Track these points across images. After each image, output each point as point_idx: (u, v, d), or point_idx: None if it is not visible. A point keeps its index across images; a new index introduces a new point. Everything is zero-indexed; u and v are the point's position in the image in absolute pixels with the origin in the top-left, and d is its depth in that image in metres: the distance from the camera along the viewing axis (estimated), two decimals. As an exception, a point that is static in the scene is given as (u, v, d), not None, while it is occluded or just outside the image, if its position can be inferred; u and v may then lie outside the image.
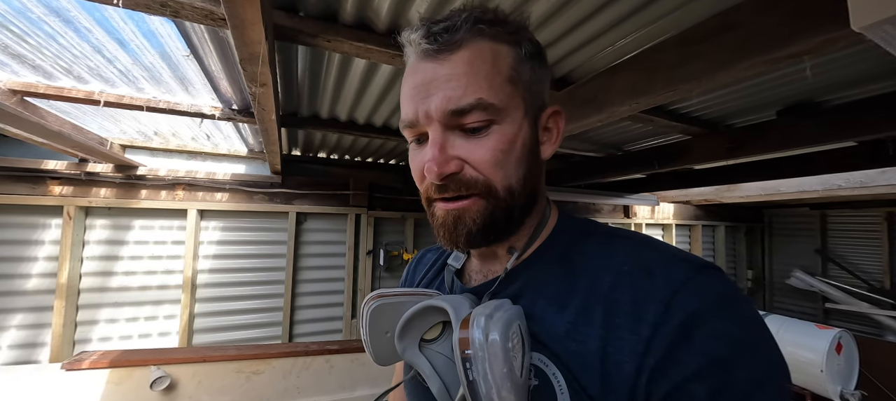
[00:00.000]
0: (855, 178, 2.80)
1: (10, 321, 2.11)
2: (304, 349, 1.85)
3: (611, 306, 0.38)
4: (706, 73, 0.92)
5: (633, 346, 0.35)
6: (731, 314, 0.34)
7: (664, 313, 0.35)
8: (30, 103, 1.66)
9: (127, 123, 2.19)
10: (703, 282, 0.36)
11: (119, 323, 2.37)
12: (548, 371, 0.39)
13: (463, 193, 0.42)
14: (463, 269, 0.55)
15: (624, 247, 0.42)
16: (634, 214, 4.30)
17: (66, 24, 1.19)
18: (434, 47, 0.41)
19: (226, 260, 2.68)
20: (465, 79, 0.40)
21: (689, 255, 0.40)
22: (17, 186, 2.12)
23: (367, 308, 0.45)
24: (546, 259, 0.46)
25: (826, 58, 1.24)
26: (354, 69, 1.48)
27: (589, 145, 2.48)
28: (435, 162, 0.41)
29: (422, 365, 0.43)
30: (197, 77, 1.56)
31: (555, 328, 0.40)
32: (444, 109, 0.40)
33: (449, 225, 0.44)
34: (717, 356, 0.32)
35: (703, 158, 2.03)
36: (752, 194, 3.66)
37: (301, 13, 1.09)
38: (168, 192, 2.50)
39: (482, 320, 0.36)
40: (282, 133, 2.29)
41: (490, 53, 0.41)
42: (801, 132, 1.63)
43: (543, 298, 0.43)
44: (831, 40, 0.71)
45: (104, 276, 2.35)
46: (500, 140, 0.41)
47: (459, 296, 0.46)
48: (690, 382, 0.32)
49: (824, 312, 4.51)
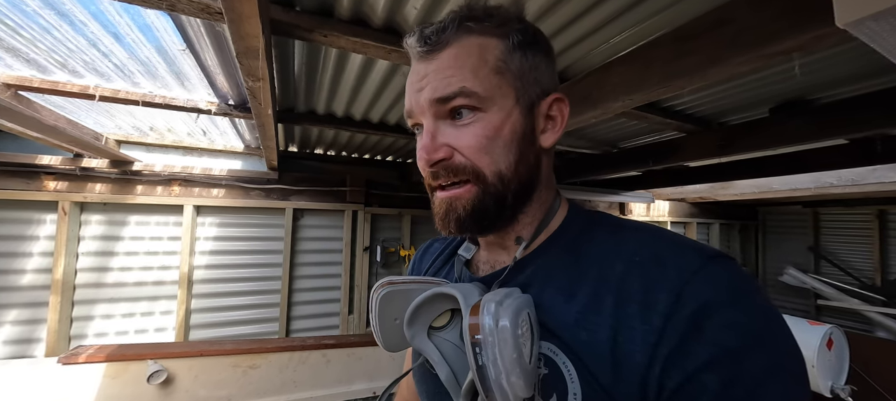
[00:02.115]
0: (846, 176, 2.83)
1: (6, 317, 2.10)
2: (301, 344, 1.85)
3: (622, 296, 0.38)
4: (698, 70, 0.94)
5: (645, 335, 0.35)
6: (743, 304, 0.34)
7: (676, 303, 0.35)
8: (24, 97, 1.65)
9: (122, 118, 2.18)
10: (716, 271, 0.36)
11: (115, 319, 2.37)
12: (557, 360, 0.39)
13: (454, 179, 0.45)
14: (472, 259, 0.56)
15: (634, 237, 0.42)
16: (630, 212, 4.33)
17: (61, 17, 1.18)
18: (425, 49, 0.45)
19: (222, 256, 2.68)
20: (450, 71, 0.43)
21: (700, 244, 0.40)
22: (11, 181, 2.11)
23: (377, 295, 0.46)
24: (555, 249, 0.47)
25: (817, 56, 1.26)
26: (351, 64, 1.48)
27: (584, 142, 2.49)
28: (425, 149, 0.44)
29: (430, 352, 0.44)
30: (193, 72, 1.56)
31: (564, 317, 0.41)
32: (431, 98, 0.44)
33: (441, 212, 0.46)
34: (729, 347, 0.32)
35: (695, 155, 2.05)
36: (746, 192, 3.69)
37: (297, 8, 1.09)
38: (164, 187, 2.49)
39: (492, 306, 0.36)
40: (278, 129, 2.28)
41: (476, 47, 0.44)
42: (791, 130, 1.65)
43: (552, 287, 0.43)
44: (821, 36, 0.73)
45: (100, 271, 2.35)
46: (486, 127, 0.43)
47: (469, 284, 0.47)
48: (703, 372, 0.32)
49: (816, 308, 4.57)
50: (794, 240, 4.94)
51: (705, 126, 1.95)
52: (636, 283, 0.38)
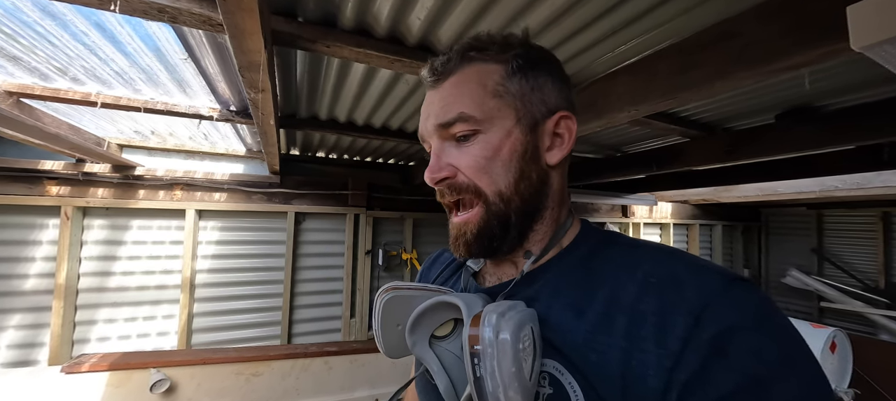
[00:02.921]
0: (851, 179, 2.81)
1: (9, 322, 2.10)
2: (304, 351, 1.85)
3: (635, 317, 0.36)
4: (705, 83, 0.92)
5: (660, 359, 0.34)
6: (768, 329, 0.33)
7: (695, 327, 0.33)
8: (26, 105, 1.64)
9: (124, 123, 2.18)
10: (738, 295, 0.34)
11: (117, 323, 2.37)
12: (563, 380, 0.38)
13: (458, 197, 0.48)
14: (480, 271, 0.56)
15: (650, 256, 0.41)
16: (632, 214, 4.31)
17: (62, 27, 1.18)
18: (433, 79, 0.49)
19: (224, 260, 2.68)
20: (451, 98, 0.47)
21: (720, 266, 0.39)
22: (13, 186, 2.11)
23: (381, 300, 0.46)
24: (564, 265, 0.46)
25: (826, 64, 1.24)
26: (354, 73, 1.47)
27: (588, 147, 2.48)
28: (430, 169, 0.48)
29: (430, 361, 0.43)
30: (194, 79, 1.55)
31: (572, 335, 0.39)
32: (435, 124, 0.48)
33: (453, 237, 0.49)
34: (755, 375, 0.31)
35: (700, 160, 2.04)
36: (750, 195, 3.67)
37: (300, 19, 1.08)
38: (166, 192, 2.49)
39: (494, 317, 0.36)
40: (280, 133, 2.28)
41: (476, 74, 0.47)
42: (798, 136, 1.63)
43: (560, 303, 0.42)
44: (832, 53, 0.72)
45: (102, 276, 2.35)
46: (485, 147, 0.45)
47: (473, 294, 0.46)
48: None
49: (819, 310, 4.55)
50: (798, 242, 4.91)
51: (710, 131, 1.93)
52: (652, 304, 0.36)
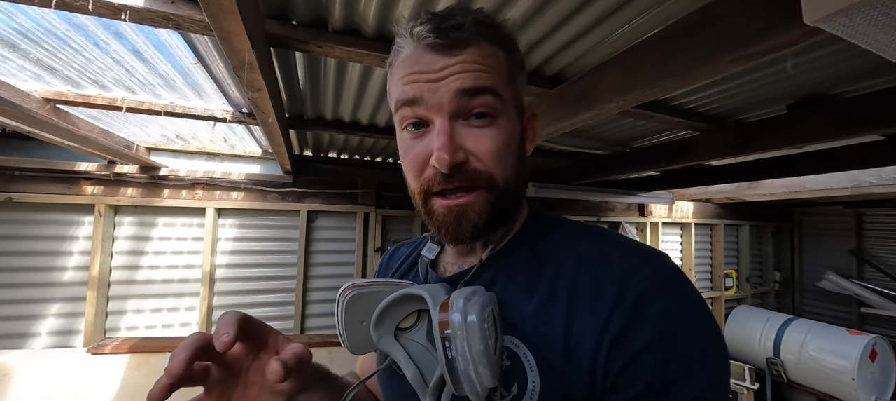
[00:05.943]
0: (887, 174, 2.61)
1: (49, 310, 2.31)
2: (308, 341, 1.93)
3: (575, 291, 0.42)
4: (687, 70, 0.91)
5: (594, 324, 0.39)
6: (674, 296, 0.39)
7: (619, 294, 0.39)
8: (61, 110, 1.81)
9: (151, 128, 2.35)
10: (654, 267, 0.41)
11: (145, 313, 2.54)
12: (519, 351, 0.42)
13: (468, 184, 0.43)
14: (437, 260, 0.58)
15: (587, 239, 0.47)
16: (650, 213, 4.17)
17: (88, 38, 1.30)
18: (444, 42, 0.42)
19: (241, 256, 2.82)
20: (478, 67, 0.42)
21: (641, 244, 0.45)
22: (53, 186, 2.32)
23: (343, 298, 0.45)
24: (517, 250, 0.50)
25: (838, 46, 1.18)
26: (351, 73, 1.53)
27: (594, 142, 2.44)
28: (445, 150, 0.41)
29: (397, 353, 0.45)
30: (207, 83, 1.66)
31: (524, 312, 0.44)
32: (458, 88, 0.41)
33: (451, 222, 0.45)
34: (663, 330, 0.37)
35: (709, 154, 1.96)
36: (776, 192, 3.48)
37: (293, 21, 1.14)
38: (188, 191, 2.65)
39: (461, 302, 0.39)
40: (291, 135, 2.38)
41: (492, 54, 0.44)
42: (811, 127, 1.55)
43: (513, 285, 0.46)
44: (805, 34, 0.69)
45: (131, 269, 2.53)
46: (503, 132, 0.44)
47: (435, 285, 0.49)
48: (642, 354, 0.36)
49: (859, 317, 4.24)
50: (835, 243, 4.59)
51: (719, 124, 1.86)
52: (587, 279, 0.42)
